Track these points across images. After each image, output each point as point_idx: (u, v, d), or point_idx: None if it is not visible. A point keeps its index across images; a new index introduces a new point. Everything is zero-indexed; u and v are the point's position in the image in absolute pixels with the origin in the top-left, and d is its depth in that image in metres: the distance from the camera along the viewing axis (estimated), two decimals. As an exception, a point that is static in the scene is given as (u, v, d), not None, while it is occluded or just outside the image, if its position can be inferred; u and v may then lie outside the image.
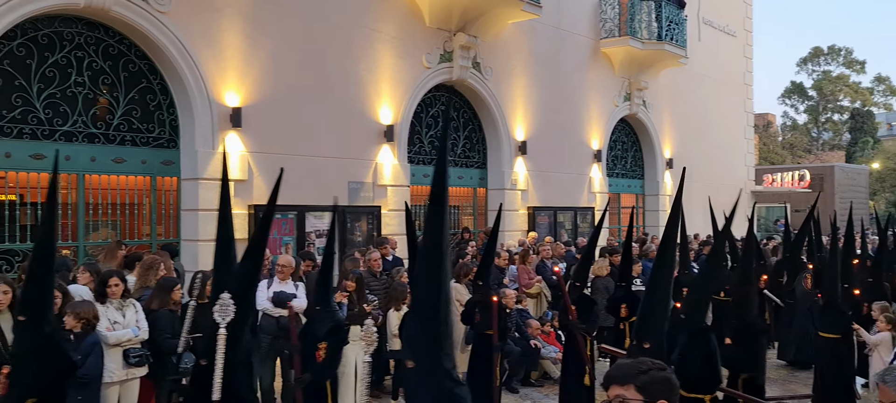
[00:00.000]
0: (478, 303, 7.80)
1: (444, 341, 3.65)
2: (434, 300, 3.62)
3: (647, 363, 2.73)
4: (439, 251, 3.67)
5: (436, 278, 3.67)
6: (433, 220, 3.75)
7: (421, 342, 3.72)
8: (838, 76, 58.39)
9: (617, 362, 2.96)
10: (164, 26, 10.24)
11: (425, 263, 3.75)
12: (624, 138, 20.20)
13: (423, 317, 3.73)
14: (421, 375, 3.70)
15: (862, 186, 35.18)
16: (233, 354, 4.12)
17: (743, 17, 24.58)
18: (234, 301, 4.12)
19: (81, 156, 9.88)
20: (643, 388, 2.61)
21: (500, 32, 15.45)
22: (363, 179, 12.93)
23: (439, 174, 3.79)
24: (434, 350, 3.64)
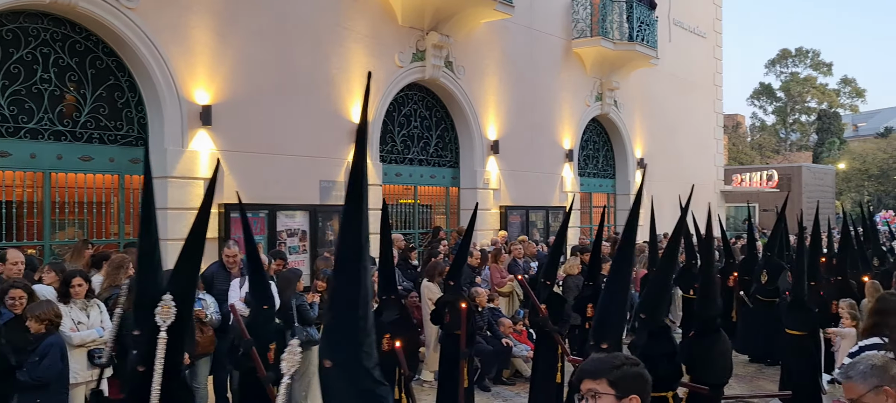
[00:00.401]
0: (448, 303, 7.77)
1: (363, 338, 3.44)
2: (353, 295, 3.42)
3: (621, 358, 2.75)
4: (358, 244, 3.47)
5: (355, 272, 3.46)
6: (352, 212, 3.52)
7: (339, 339, 3.50)
8: (806, 78, 59.31)
9: (590, 356, 2.97)
10: (132, 22, 10.10)
11: (344, 257, 3.52)
12: (595, 138, 20.33)
13: (342, 313, 3.51)
14: (339, 374, 3.49)
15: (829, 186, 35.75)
16: (173, 358, 3.94)
17: (713, 19, 24.85)
18: (176, 303, 3.93)
19: (47, 154, 9.72)
20: (615, 383, 2.62)
21: (472, 32, 15.47)
22: (335, 178, 12.87)
23: (358, 159, 3.59)
24: (353, 348, 3.44)
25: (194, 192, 10.80)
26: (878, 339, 4.39)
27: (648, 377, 2.73)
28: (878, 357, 3.01)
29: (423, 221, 15.48)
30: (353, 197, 3.52)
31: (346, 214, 3.53)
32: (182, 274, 4.04)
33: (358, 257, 3.45)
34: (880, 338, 4.39)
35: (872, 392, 2.87)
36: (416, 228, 15.09)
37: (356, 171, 3.55)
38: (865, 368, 2.95)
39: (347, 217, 3.54)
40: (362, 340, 3.46)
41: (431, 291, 9.69)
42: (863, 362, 2.98)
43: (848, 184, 49.01)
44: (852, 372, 2.94)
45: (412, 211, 15.17)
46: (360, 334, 3.45)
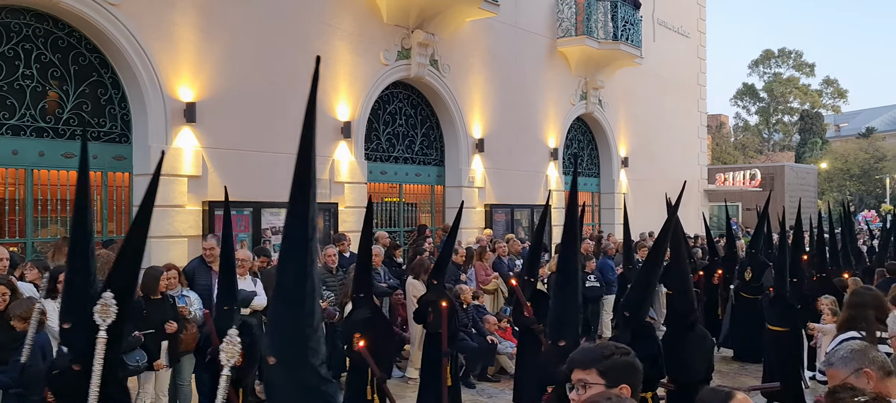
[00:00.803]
0: (431, 303, 7.74)
1: (310, 334, 3.21)
2: (299, 288, 3.17)
3: (611, 347, 2.74)
4: (304, 234, 3.20)
5: (300, 264, 3.20)
6: (298, 199, 3.22)
7: (284, 335, 3.27)
8: (788, 78, 59.82)
9: (580, 345, 2.97)
10: (116, 19, 10.05)
11: (289, 248, 3.25)
12: (580, 136, 20.41)
13: (286, 308, 3.26)
14: (283, 372, 3.29)
15: (811, 185, 36.05)
16: (111, 357, 3.78)
17: (696, 19, 25.02)
18: (117, 301, 3.75)
19: (30, 151, 9.65)
20: (605, 372, 2.63)
21: (457, 30, 15.49)
22: (320, 176, 12.84)
23: (306, 144, 3.29)
24: (299, 345, 3.21)
25: (178, 190, 10.76)
26: (855, 333, 4.47)
27: (639, 366, 2.73)
28: (856, 344, 3.11)
29: (409, 219, 15.49)
30: (299, 183, 3.24)
31: (293, 202, 3.21)
32: (122, 271, 3.86)
33: (304, 248, 3.19)
34: (857, 332, 4.47)
35: (854, 375, 2.97)
36: (402, 226, 15.10)
37: (303, 156, 3.25)
38: (846, 354, 3.07)
39: (293, 204, 3.23)
40: (309, 335, 3.23)
41: (416, 289, 9.70)
42: (843, 349, 3.10)
43: (830, 184, 49.45)
44: (834, 359, 3.05)
45: (397, 209, 15.18)
46: (307, 329, 3.23)
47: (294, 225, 3.24)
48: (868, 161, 50.23)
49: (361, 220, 13.42)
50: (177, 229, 10.72)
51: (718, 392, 2.46)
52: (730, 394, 2.38)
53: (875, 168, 49.60)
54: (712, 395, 2.49)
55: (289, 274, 3.23)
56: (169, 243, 10.53)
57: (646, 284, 5.93)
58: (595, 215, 21.02)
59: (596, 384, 2.62)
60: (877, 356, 3.03)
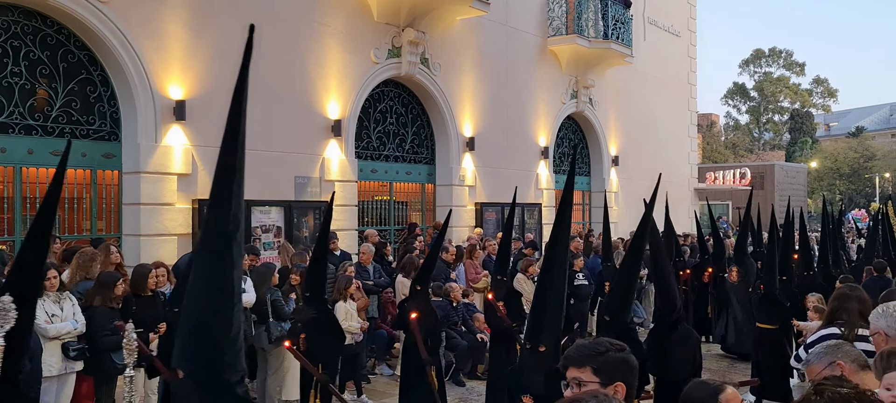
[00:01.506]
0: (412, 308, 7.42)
1: (226, 346, 2.71)
2: (216, 293, 2.70)
3: (605, 344, 2.73)
4: (225, 230, 2.70)
5: (220, 265, 2.71)
6: (220, 190, 2.73)
7: (195, 346, 2.77)
8: (779, 78, 60.14)
9: (576, 343, 2.94)
10: (105, 16, 10.03)
11: (208, 247, 2.76)
12: (571, 135, 20.46)
13: (201, 315, 2.76)
14: (193, 388, 2.78)
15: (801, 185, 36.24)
16: (11, 366, 3.41)
17: (687, 18, 25.10)
18: (17, 306, 3.34)
19: (18, 149, 9.62)
20: (599, 370, 2.62)
21: (448, 28, 15.51)
22: (310, 174, 12.85)
23: (233, 127, 2.78)
24: (212, 358, 2.72)
25: (168, 188, 10.75)
26: (836, 328, 4.55)
27: (634, 362, 2.72)
28: (832, 341, 3.22)
29: (399, 218, 15.50)
30: (223, 172, 2.76)
31: (214, 193, 2.72)
32: (23, 273, 3.42)
33: (224, 246, 2.72)
34: (837, 328, 4.54)
35: (828, 368, 3.10)
36: (392, 225, 15.12)
37: (228, 144, 2.76)
38: (821, 350, 3.21)
39: (214, 196, 2.72)
40: (225, 348, 2.74)
41: (406, 287, 9.72)
42: (819, 346, 3.21)
43: (820, 183, 49.72)
44: (811, 357, 3.15)
45: (388, 207, 15.20)
46: (222, 340, 2.73)
47: (214, 220, 2.76)
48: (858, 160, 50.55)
49: (353, 218, 13.54)
50: (166, 227, 10.71)
51: (707, 386, 2.47)
52: (719, 388, 2.40)
53: (864, 167, 49.91)
54: (701, 388, 2.50)
55: (204, 275, 2.77)
56: (159, 241, 10.52)
57: (625, 286, 5.68)
58: (585, 213, 21.09)
59: (590, 382, 2.60)
60: (850, 350, 3.15)
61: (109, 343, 6.46)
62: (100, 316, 6.54)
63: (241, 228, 2.74)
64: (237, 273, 2.72)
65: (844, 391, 2.62)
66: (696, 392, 2.49)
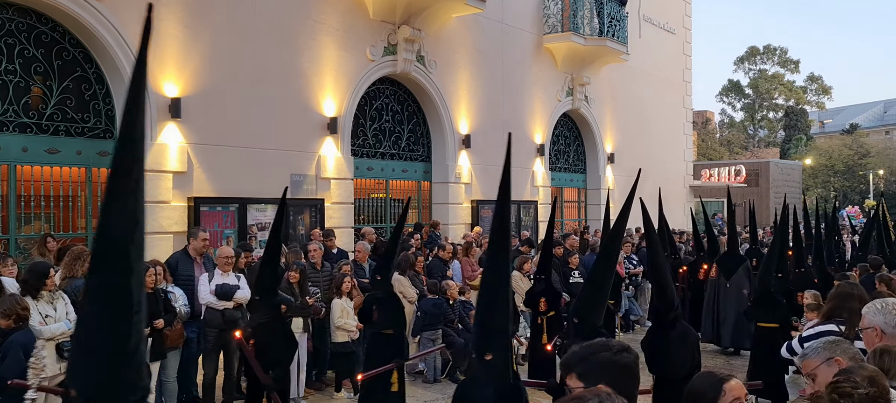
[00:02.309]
0: (377, 300, 7.37)
1: (124, 362, 2.32)
2: (113, 302, 2.31)
3: (596, 346, 2.67)
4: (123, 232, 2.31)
5: (116, 271, 2.32)
6: (118, 186, 2.33)
7: (90, 361, 2.35)
8: (773, 75, 60.22)
9: (571, 349, 2.84)
10: (100, 14, 9.99)
11: (103, 250, 2.34)
12: (566, 133, 20.47)
13: (96, 327, 2.35)
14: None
15: (795, 182, 36.31)
16: None
17: (682, 15, 25.12)
18: None
19: (13, 147, 9.58)
20: (583, 374, 2.58)
21: (444, 26, 15.50)
22: (306, 172, 12.83)
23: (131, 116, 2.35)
24: (108, 375, 2.32)
25: (163, 186, 10.72)
26: (834, 325, 4.54)
27: (626, 363, 2.63)
28: (831, 337, 3.23)
29: (395, 215, 15.49)
30: (120, 167, 2.37)
31: (110, 190, 2.32)
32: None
33: (121, 249, 2.34)
34: (836, 325, 4.53)
35: (825, 363, 3.13)
36: (388, 222, 15.11)
37: (126, 134, 2.35)
38: (819, 345, 3.22)
39: (110, 194, 2.33)
40: (122, 364, 2.36)
41: (402, 284, 9.73)
42: (818, 341, 3.23)
43: (814, 180, 49.83)
44: (808, 351, 3.16)
45: (384, 205, 15.18)
46: (119, 355, 2.35)
47: (107, 221, 2.37)
48: (852, 157, 50.65)
49: (349, 216, 13.52)
50: (162, 225, 10.68)
51: (712, 376, 2.47)
52: (724, 378, 2.41)
53: (859, 164, 50.02)
54: (706, 380, 2.49)
55: (101, 282, 2.40)
56: (154, 239, 10.48)
57: (596, 286, 5.23)
58: (581, 211, 21.11)
59: (576, 387, 2.56)
60: (848, 348, 3.18)
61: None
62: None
63: (139, 228, 2.36)
64: (136, 279, 2.34)
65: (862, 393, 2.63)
66: (701, 383, 2.49)
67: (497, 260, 4.11)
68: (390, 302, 7.36)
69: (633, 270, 13.82)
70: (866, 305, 3.89)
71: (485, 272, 4.24)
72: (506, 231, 4.20)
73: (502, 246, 4.14)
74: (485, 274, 4.22)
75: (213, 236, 10.98)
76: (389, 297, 7.40)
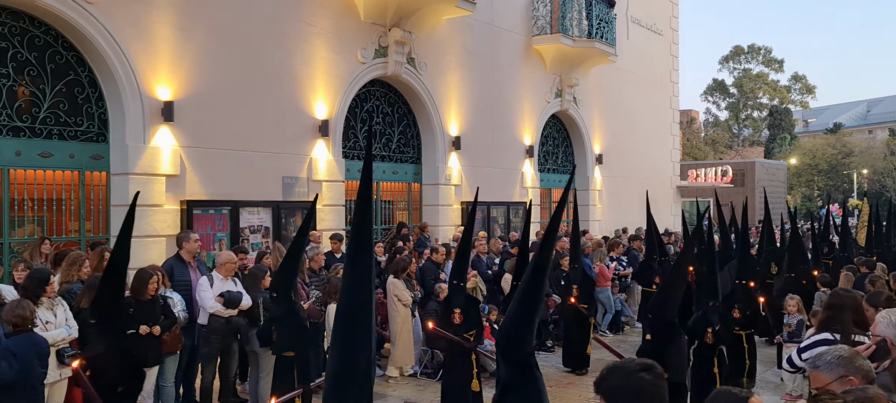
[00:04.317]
0: (275, 320, 6.90)
1: None
2: None
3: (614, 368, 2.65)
4: None
5: None
6: None
7: None
8: (758, 74, 60.58)
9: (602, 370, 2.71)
10: (93, 17, 9.97)
11: None
12: (555, 134, 20.56)
13: None
14: None
15: (780, 181, 36.62)
16: None
17: (669, 16, 25.28)
18: None
19: (6, 150, 9.55)
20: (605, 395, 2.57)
21: (434, 28, 15.55)
22: (297, 174, 12.85)
23: None
24: None
25: (156, 189, 10.72)
26: (829, 334, 4.57)
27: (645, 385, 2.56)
28: (845, 350, 3.15)
29: (386, 217, 15.53)
30: None
31: None
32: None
33: None
34: (831, 334, 4.57)
35: (837, 381, 3.01)
36: (379, 224, 15.14)
37: None
38: (832, 359, 3.10)
39: None
40: None
41: (397, 287, 9.78)
42: (830, 353, 3.14)
43: (798, 179, 50.26)
44: (819, 363, 3.09)
45: (375, 206, 15.22)
46: None
47: None
48: (836, 156, 51.14)
49: (340, 219, 13.54)
50: (155, 228, 10.67)
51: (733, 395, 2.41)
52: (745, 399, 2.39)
53: (842, 163, 50.49)
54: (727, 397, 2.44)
55: None
56: (147, 243, 10.49)
57: (527, 304, 4.01)
58: (569, 212, 21.15)
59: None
60: (862, 364, 3.07)
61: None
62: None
63: None
64: None
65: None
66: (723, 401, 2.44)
67: (354, 267, 3.42)
68: (290, 320, 6.73)
69: (623, 271, 13.92)
70: (880, 314, 3.93)
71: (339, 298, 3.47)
72: (365, 249, 3.43)
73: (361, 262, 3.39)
74: (340, 300, 3.45)
75: (205, 239, 11.00)
76: (289, 315, 6.76)
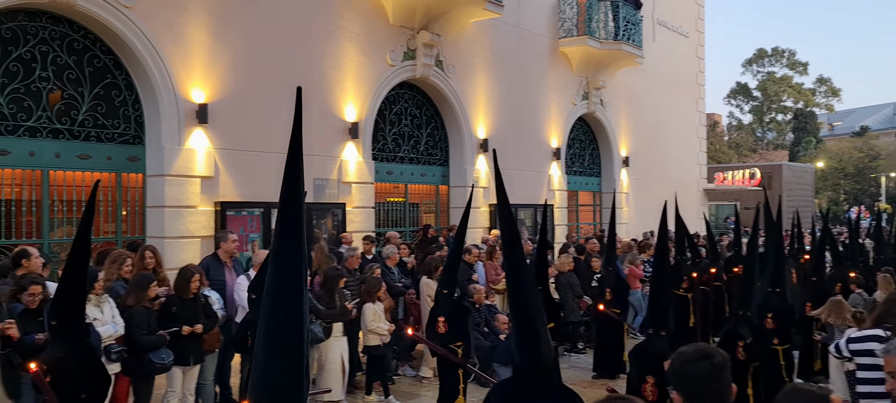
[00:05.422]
0: (251, 324, 6.39)
1: None
2: None
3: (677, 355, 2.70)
4: None
5: None
6: None
7: None
8: (782, 77, 60.06)
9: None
10: (130, 21, 10.12)
11: None
12: (582, 136, 20.54)
13: None
14: None
15: (808, 184, 36.33)
16: None
17: (695, 19, 25.19)
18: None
19: (46, 152, 9.71)
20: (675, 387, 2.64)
21: (462, 31, 15.60)
22: (328, 176, 12.94)
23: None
24: None
25: (191, 190, 10.84)
26: (881, 331, 4.61)
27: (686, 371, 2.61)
28: None
29: (413, 219, 15.59)
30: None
31: None
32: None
33: None
34: (883, 330, 4.61)
35: None
36: (407, 226, 15.19)
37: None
38: None
39: None
40: None
41: (430, 287, 9.82)
42: None
43: (824, 183, 49.79)
44: (890, 347, 3.14)
45: (402, 209, 15.28)
46: None
47: None
48: (862, 159, 50.59)
49: (370, 220, 13.61)
50: (190, 229, 10.80)
51: (811, 393, 2.39)
52: (824, 396, 2.37)
53: (869, 167, 49.95)
54: (804, 396, 2.40)
55: None
56: (182, 243, 10.61)
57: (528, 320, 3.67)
58: (596, 215, 21.18)
59: (676, 398, 2.63)
60: None
61: (147, 343, 6.54)
62: (137, 316, 6.61)
63: None
64: None
65: None
66: (803, 399, 2.40)
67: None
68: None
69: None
70: None
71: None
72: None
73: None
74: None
75: (239, 240, 11.11)
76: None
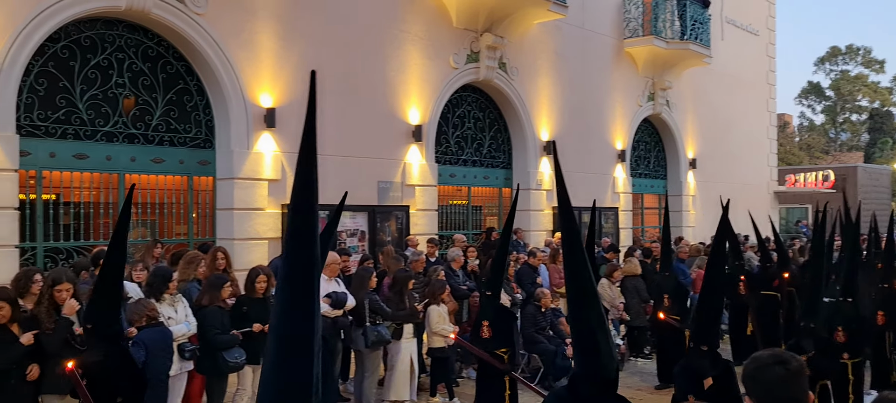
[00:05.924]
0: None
1: None
2: None
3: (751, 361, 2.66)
4: None
5: None
6: None
7: None
8: (857, 76, 58.05)
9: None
10: (201, 27, 10.38)
11: None
12: (647, 138, 20.21)
13: None
14: None
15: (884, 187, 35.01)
16: None
17: (766, 16, 24.54)
18: None
19: (122, 157, 10.04)
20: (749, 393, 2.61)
21: (525, 32, 15.53)
22: (392, 179, 13.04)
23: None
24: None
25: (259, 193, 11.06)
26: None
27: (759, 376, 2.57)
28: None
29: (475, 222, 15.57)
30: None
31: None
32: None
33: None
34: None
35: None
36: (470, 229, 15.19)
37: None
38: None
39: None
40: None
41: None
42: None
43: (901, 185, 47.87)
44: None
45: (465, 212, 15.28)
46: None
47: None
48: (942, 161, 48.47)
49: (433, 223, 13.66)
50: (257, 232, 11.02)
51: None
52: None
53: (950, 168, 47.83)
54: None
55: None
56: (250, 245, 10.83)
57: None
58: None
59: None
60: None
61: (221, 342, 6.69)
62: (211, 315, 6.77)
63: None
64: None
65: None
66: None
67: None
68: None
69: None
70: None
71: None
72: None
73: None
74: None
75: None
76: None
